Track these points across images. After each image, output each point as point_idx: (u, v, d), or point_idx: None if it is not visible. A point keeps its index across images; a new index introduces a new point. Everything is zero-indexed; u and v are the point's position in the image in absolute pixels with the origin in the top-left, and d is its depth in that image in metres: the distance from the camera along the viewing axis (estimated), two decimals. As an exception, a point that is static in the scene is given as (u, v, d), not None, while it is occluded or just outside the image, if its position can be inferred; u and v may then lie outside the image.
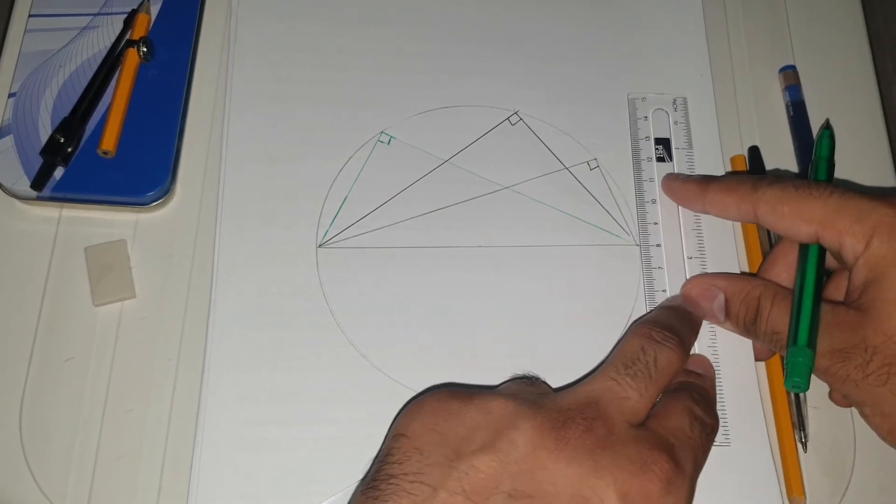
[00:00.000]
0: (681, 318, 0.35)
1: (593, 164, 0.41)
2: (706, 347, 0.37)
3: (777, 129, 0.43)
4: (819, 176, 0.36)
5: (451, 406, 0.30)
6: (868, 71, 0.45)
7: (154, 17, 0.41)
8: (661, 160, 0.41)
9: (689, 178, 0.39)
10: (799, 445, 0.36)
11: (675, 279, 0.39)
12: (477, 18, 0.44)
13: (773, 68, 0.44)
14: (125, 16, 0.41)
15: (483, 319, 0.37)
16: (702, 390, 0.33)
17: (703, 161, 0.41)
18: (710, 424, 0.32)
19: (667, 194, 0.40)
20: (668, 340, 0.33)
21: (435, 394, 0.31)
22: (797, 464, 0.35)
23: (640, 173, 0.41)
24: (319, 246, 0.38)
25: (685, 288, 0.37)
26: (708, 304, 0.36)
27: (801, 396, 0.36)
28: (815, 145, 0.38)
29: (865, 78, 0.45)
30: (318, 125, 0.41)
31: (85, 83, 0.39)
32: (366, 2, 0.44)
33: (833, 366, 0.31)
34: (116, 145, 0.38)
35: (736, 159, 0.42)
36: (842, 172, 0.40)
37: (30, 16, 0.41)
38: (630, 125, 0.42)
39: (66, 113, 0.38)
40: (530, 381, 0.34)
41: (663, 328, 0.33)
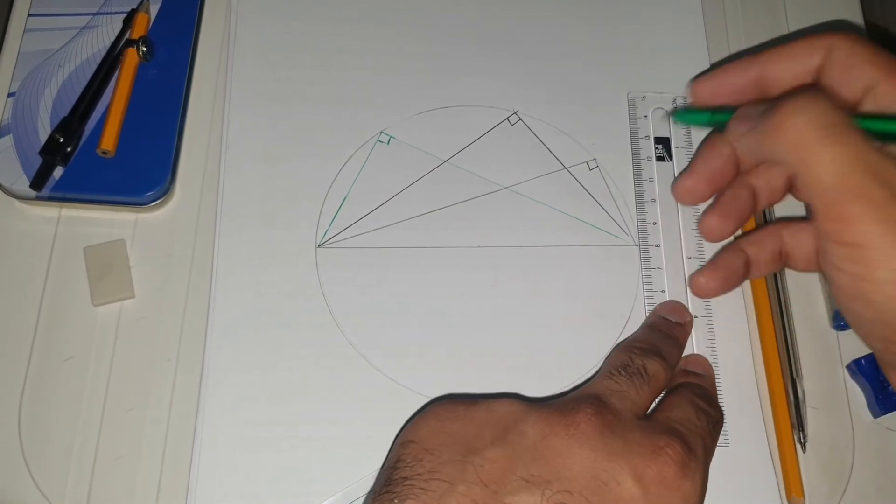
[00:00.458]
0: (663, 336, 0.36)
1: (592, 165, 0.41)
2: (705, 348, 0.37)
3: (777, 129, 0.43)
4: None
5: (457, 410, 0.30)
6: (868, 71, 0.45)
7: (153, 16, 0.41)
8: (661, 159, 0.41)
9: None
10: (798, 446, 0.36)
11: (675, 279, 0.39)
12: (477, 18, 0.44)
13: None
14: (124, 15, 0.41)
15: (482, 319, 0.37)
16: (703, 388, 0.34)
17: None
18: (715, 416, 0.32)
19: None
20: (652, 354, 0.33)
21: (439, 402, 0.31)
22: (796, 464, 0.35)
23: (639, 173, 0.41)
24: (319, 246, 0.38)
25: (658, 307, 0.38)
26: (680, 318, 0.37)
27: (800, 397, 0.36)
28: None
29: (865, 78, 0.45)
30: (318, 125, 0.41)
31: (84, 83, 0.39)
32: (366, 2, 0.44)
33: (891, 203, 0.27)
34: (116, 145, 0.38)
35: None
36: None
37: (29, 15, 0.41)
38: (630, 124, 0.42)
39: (65, 112, 0.38)
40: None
41: (646, 343, 0.34)
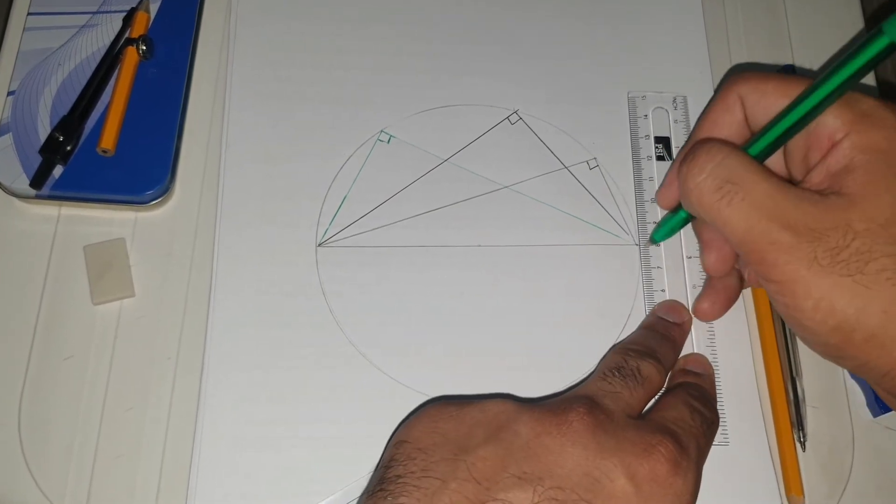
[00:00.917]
0: (660, 337, 0.36)
1: (593, 164, 0.41)
2: (705, 347, 0.37)
3: (776, 129, 0.43)
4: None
5: (450, 410, 0.30)
6: (867, 70, 0.45)
7: (153, 15, 0.41)
8: (661, 159, 0.41)
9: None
10: (797, 445, 0.36)
11: (675, 278, 0.39)
12: (477, 18, 0.44)
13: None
14: (124, 14, 0.41)
15: (482, 318, 0.37)
16: (700, 388, 0.34)
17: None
18: (710, 417, 0.32)
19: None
20: (646, 356, 0.33)
21: (431, 403, 0.31)
22: (796, 463, 0.35)
23: (639, 172, 0.41)
24: (319, 245, 0.38)
25: (656, 307, 0.38)
26: (678, 318, 0.37)
27: (800, 396, 0.36)
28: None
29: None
30: (318, 124, 0.41)
31: (84, 81, 0.39)
32: (366, 1, 0.44)
33: (798, 243, 0.28)
34: (116, 144, 0.38)
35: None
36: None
37: (28, 14, 0.41)
38: (630, 124, 0.42)
39: (65, 111, 0.38)
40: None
41: (641, 346, 0.34)
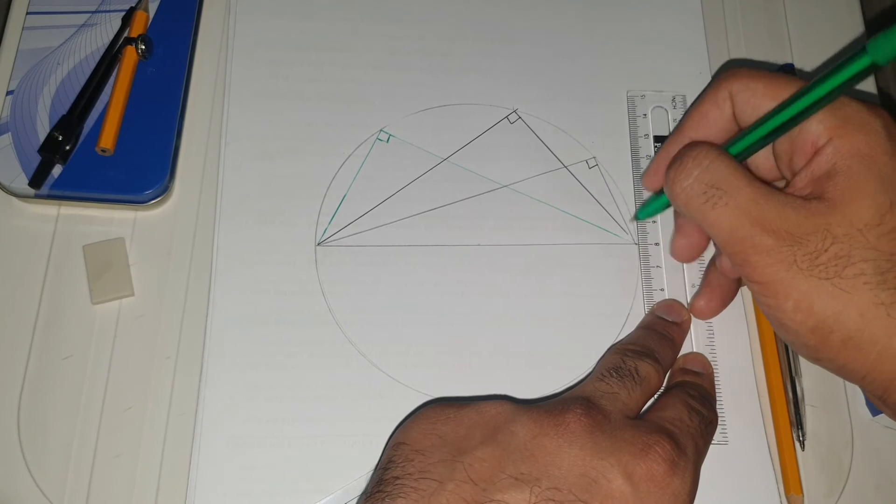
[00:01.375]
0: (658, 336, 0.36)
1: (592, 163, 0.41)
2: (704, 346, 0.37)
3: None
4: None
5: (448, 412, 0.30)
6: (867, 69, 0.45)
7: (152, 14, 0.41)
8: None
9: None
10: (796, 444, 0.36)
11: (674, 278, 0.39)
12: (476, 17, 0.44)
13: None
14: (123, 13, 0.41)
15: (481, 318, 0.37)
16: (699, 388, 0.34)
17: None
18: (709, 417, 0.32)
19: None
20: (644, 356, 0.33)
21: (429, 405, 0.31)
22: (795, 462, 0.35)
23: (639, 171, 0.41)
24: (318, 244, 0.38)
25: (655, 306, 0.38)
26: (676, 317, 0.37)
27: (799, 395, 0.36)
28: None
29: (864, 76, 0.45)
30: (317, 123, 0.41)
31: (83, 81, 0.39)
32: (365, 0, 0.44)
33: (779, 246, 0.29)
34: (115, 143, 0.38)
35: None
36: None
37: (28, 13, 0.41)
38: (629, 122, 0.42)
39: (64, 111, 0.38)
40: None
41: (639, 346, 0.34)
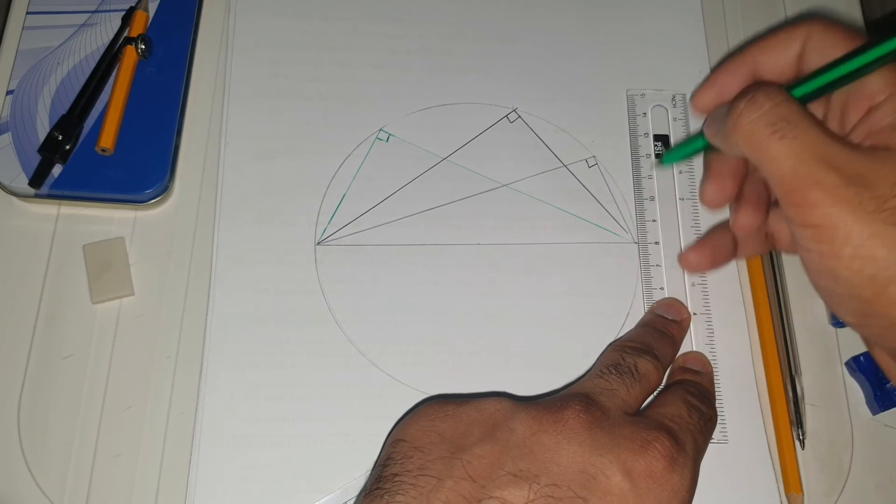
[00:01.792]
0: (658, 334, 0.36)
1: (592, 162, 0.41)
2: (704, 345, 0.37)
3: (776, 127, 0.43)
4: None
5: (447, 409, 0.30)
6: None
7: (152, 14, 0.41)
8: (660, 157, 0.41)
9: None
10: (796, 443, 0.36)
11: (674, 276, 0.39)
12: (476, 16, 0.44)
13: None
14: (123, 13, 0.41)
15: (481, 316, 0.37)
16: (699, 386, 0.34)
17: (703, 157, 0.41)
18: (708, 414, 0.32)
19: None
20: (644, 353, 0.33)
21: (428, 402, 0.31)
22: (795, 461, 0.35)
23: (638, 170, 0.41)
24: (318, 243, 0.38)
25: (655, 304, 0.38)
26: (676, 316, 0.37)
27: (799, 394, 0.36)
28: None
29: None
30: (317, 123, 0.41)
31: (83, 80, 0.39)
32: (364, -1, 0.44)
33: (845, 185, 0.28)
34: (115, 143, 0.38)
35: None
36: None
37: (28, 13, 0.41)
38: (629, 121, 0.42)
39: (64, 110, 0.38)
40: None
41: (639, 343, 0.35)
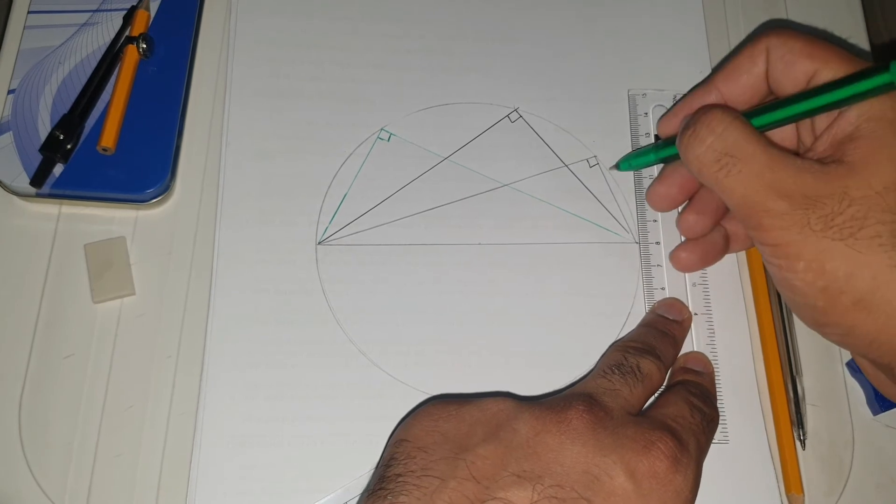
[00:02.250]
0: (659, 334, 0.36)
1: (593, 162, 0.41)
2: (705, 345, 0.37)
3: (777, 127, 0.43)
4: None
5: (449, 409, 0.30)
6: (868, 68, 0.45)
7: (153, 13, 0.41)
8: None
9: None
10: (797, 443, 0.36)
11: (675, 277, 0.39)
12: (477, 16, 0.44)
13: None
14: (125, 12, 0.41)
15: (482, 316, 0.37)
16: (700, 386, 0.34)
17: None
18: (710, 414, 0.32)
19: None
20: (646, 353, 0.34)
21: (431, 402, 0.32)
22: (795, 461, 0.35)
23: (639, 170, 0.41)
24: (319, 243, 0.38)
25: (656, 304, 0.38)
26: (677, 315, 0.37)
27: (800, 394, 0.36)
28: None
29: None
30: (318, 122, 0.41)
31: (84, 80, 0.39)
32: (365, -1, 0.44)
33: (792, 210, 0.29)
34: (116, 142, 0.38)
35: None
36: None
37: (29, 12, 0.41)
38: (630, 121, 0.42)
39: (65, 110, 0.38)
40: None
41: (641, 343, 0.35)
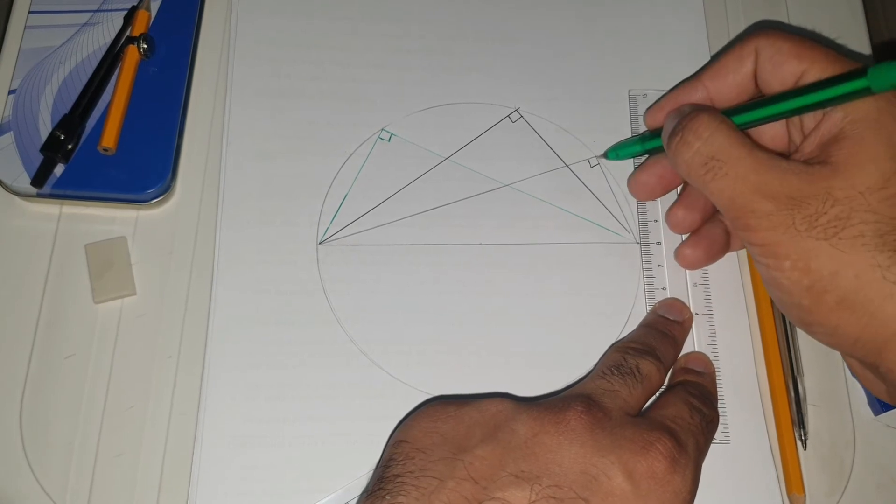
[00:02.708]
0: (660, 335, 0.36)
1: (594, 162, 0.41)
2: (706, 345, 0.37)
3: (777, 127, 0.43)
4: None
5: (448, 410, 0.30)
6: (869, 68, 0.45)
7: (154, 13, 0.41)
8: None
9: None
10: (798, 443, 0.36)
11: (676, 277, 0.39)
12: (477, 15, 0.44)
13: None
14: (125, 12, 0.41)
15: (483, 316, 0.37)
16: (700, 387, 0.34)
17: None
18: (710, 415, 0.32)
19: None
20: (646, 354, 0.34)
21: (430, 403, 0.32)
22: (797, 461, 0.35)
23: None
24: (320, 243, 0.38)
25: (657, 304, 0.38)
26: (678, 316, 0.37)
27: (801, 394, 0.36)
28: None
29: (866, 75, 0.45)
30: (319, 122, 0.41)
31: (85, 80, 0.39)
32: (366, -1, 0.44)
33: (778, 211, 0.30)
34: (117, 142, 0.38)
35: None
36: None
37: (30, 12, 0.41)
38: (631, 121, 0.42)
39: (66, 110, 0.38)
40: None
41: (641, 344, 0.35)
